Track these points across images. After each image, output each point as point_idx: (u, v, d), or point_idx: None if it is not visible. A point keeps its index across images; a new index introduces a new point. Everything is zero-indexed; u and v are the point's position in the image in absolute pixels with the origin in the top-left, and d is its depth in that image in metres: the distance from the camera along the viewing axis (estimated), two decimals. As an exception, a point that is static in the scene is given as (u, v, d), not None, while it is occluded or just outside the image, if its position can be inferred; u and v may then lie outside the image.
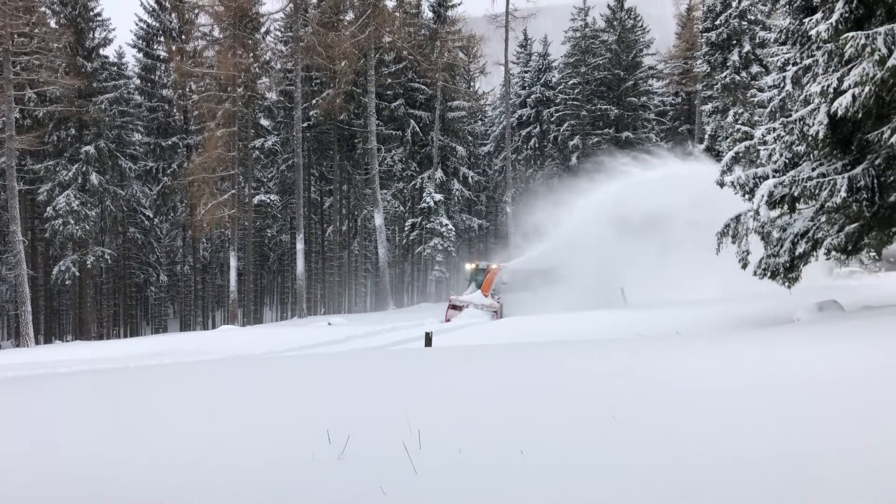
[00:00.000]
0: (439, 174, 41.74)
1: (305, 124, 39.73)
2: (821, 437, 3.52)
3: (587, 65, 42.15)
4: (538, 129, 46.29)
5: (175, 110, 41.99)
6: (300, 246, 35.41)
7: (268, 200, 42.97)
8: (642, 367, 5.93)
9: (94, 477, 3.47)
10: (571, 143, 41.66)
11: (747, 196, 12.47)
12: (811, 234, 11.61)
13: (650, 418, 4.02)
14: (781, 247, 11.91)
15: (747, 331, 10.30)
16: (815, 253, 11.76)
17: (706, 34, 31.13)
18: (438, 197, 40.30)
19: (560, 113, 43.38)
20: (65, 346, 23.54)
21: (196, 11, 38.85)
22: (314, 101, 40.05)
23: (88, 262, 35.84)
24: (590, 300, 21.58)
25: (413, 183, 42.84)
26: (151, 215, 44.27)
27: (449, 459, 3.42)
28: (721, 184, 13.80)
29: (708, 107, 31.22)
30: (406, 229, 43.76)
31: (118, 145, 39.44)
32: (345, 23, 38.13)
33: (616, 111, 41.56)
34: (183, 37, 40.43)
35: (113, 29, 39.00)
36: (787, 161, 11.88)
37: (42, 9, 34.99)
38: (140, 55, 42.35)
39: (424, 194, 40.82)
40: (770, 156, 12.47)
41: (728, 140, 18.91)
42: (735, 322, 13.13)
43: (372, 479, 3.18)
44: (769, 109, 14.22)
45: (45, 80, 30.62)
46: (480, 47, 45.02)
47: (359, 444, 3.66)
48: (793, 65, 12.55)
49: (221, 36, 37.26)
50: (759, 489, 2.89)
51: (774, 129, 12.28)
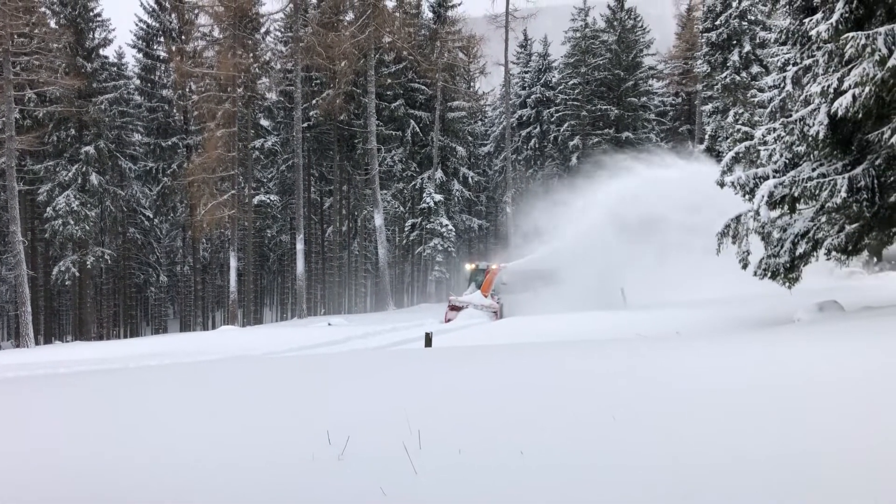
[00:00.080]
0: (439, 174, 41.75)
1: (305, 124, 39.73)
2: (821, 437, 3.51)
3: (587, 65, 42.16)
4: (538, 130, 46.30)
5: (175, 110, 41.99)
6: (300, 246, 35.41)
7: (268, 201, 42.97)
8: (642, 368, 5.93)
9: (95, 477, 3.47)
10: (571, 144, 41.68)
11: (747, 196, 12.47)
12: (811, 235, 11.61)
13: (650, 418, 4.02)
14: (782, 247, 11.91)
15: (747, 331, 10.30)
16: (816, 253, 11.76)
17: (706, 34, 31.16)
18: (438, 197, 40.30)
19: (560, 113, 43.38)
20: (65, 347, 23.54)
21: (196, 12, 38.88)
22: (314, 102, 40.05)
23: (88, 263, 35.84)
24: (590, 301, 21.55)
25: (413, 183, 42.85)
26: (151, 216, 44.27)
27: (449, 460, 3.42)
28: (721, 184, 13.80)
29: (708, 107, 31.24)
30: (406, 230, 43.76)
31: (118, 146, 39.44)
32: (345, 23, 38.14)
33: (616, 111, 41.57)
34: (183, 37, 40.44)
35: (113, 29, 39.02)
36: (788, 161, 11.88)
37: (42, 9, 35.00)
38: (140, 55, 42.35)
39: (424, 195, 40.82)
40: (770, 156, 12.47)
41: (728, 140, 18.95)
42: (735, 322, 13.13)
43: (372, 480, 3.18)
44: (769, 110, 14.22)
45: (45, 81, 30.63)
46: (480, 47, 45.05)
47: (359, 445, 3.66)
48: (793, 65, 12.55)
49: (221, 36, 37.26)
50: (759, 489, 2.89)
51: (775, 130, 12.28)
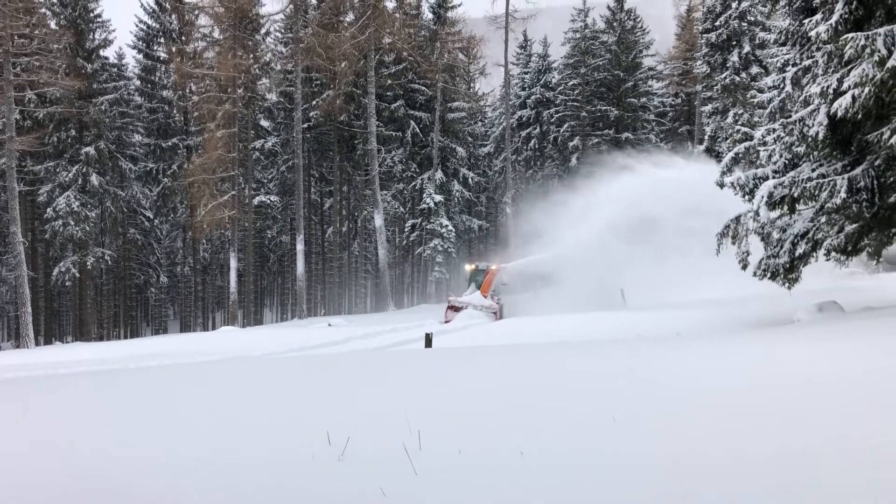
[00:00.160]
0: (439, 175, 41.75)
1: (305, 125, 39.75)
2: (821, 437, 3.52)
3: (587, 66, 42.17)
4: (538, 130, 46.32)
5: (175, 111, 41.99)
6: (300, 247, 35.42)
7: (268, 201, 42.97)
8: (642, 368, 5.93)
9: (95, 477, 3.47)
10: (571, 144, 41.70)
11: (747, 197, 12.47)
12: (811, 235, 11.62)
13: (650, 419, 4.02)
14: (781, 248, 11.92)
15: (747, 331, 10.30)
16: (815, 254, 11.76)
17: (706, 35, 31.16)
18: (438, 198, 40.31)
19: (560, 114, 43.40)
20: (65, 348, 23.53)
21: (196, 13, 38.88)
22: (314, 103, 40.06)
23: (88, 264, 35.84)
24: (590, 301, 21.55)
25: (413, 184, 42.85)
26: (151, 216, 44.27)
27: (449, 460, 3.42)
28: (721, 185, 13.80)
29: (708, 108, 31.24)
30: (406, 230, 43.77)
31: (118, 146, 39.45)
32: (345, 24, 38.16)
33: (616, 112, 41.58)
34: (183, 38, 40.45)
35: (113, 30, 39.02)
36: (787, 162, 11.88)
37: (42, 10, 35.02)
38: (140, 56, 42.35)
39: (424, 195, 40.82)
40: (770, 157, 12.46)
41: (728, 141, 18.94)
42: (735, 323, 13.13)
43: (372, 480, 3.18)
44: (769, 110, 14.21)
45: (46, 82, 30.64)
46: (480, 48, 45.06)
47: (359, 445, 3.66)
48: (792, 66, 12.55)
49: (221, 37, 37.27)
50: (759, 489, 2.89)
51: (774, 130, 12.28)
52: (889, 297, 14.37)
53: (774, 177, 11.62)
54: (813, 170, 10.90)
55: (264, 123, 44.63)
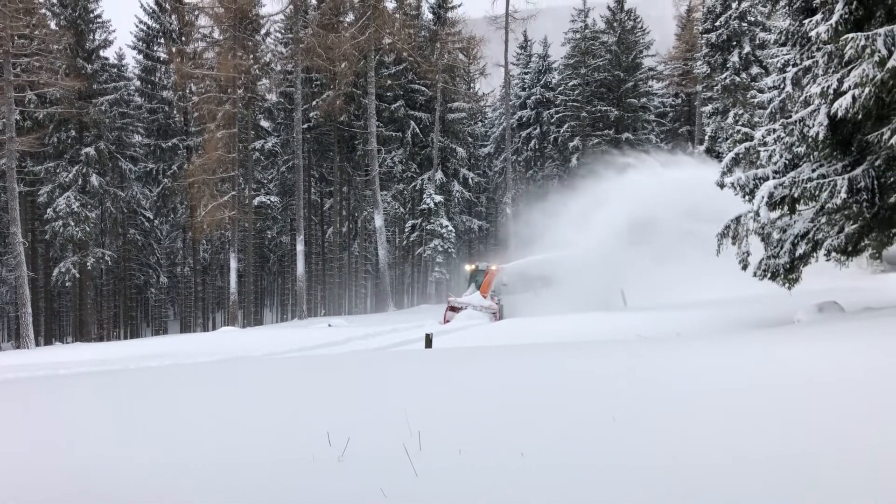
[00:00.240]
0: (439, 175, 41.75)
1: (305, 126, 39.75)
2: (821, 437, 3.52)
3: (587, 66, 42.18)
4: (538, 131, 46.33)
5: (175, 112, 42.00)
6: (300, 247, 35.42)
7: (268, 202, 42.98)
8: (642, 368, 5.93)
9: (95, 477, 3.47)
10: (571, 145, 41.70)
11: (747, 197, 12.47)
12: (811, 236, 11.62)
13: (650, 419, 4.02)
14: (781, 248, 11.92)
15: (747, 332, 10.30)
16: (815, 254, 11.77)
17: (706, 35, 31.17)
18: (438, 198, 40.31)
19: (560, 114, 43.40)
20: (65, 348, 23.53)
21: (196, 13, 38.90)
22: (314, 103, 40.07)
23: (88, 264, 35.84)
24: (590, 302, 21.54)
25: (413, 184, 42.85)
26: (151, 217, 44.28)
27: (449, 461, 3.42)
28: (721, 185, 13.80)
29: (708, 108, 31.25)
30: (406, 231, 43.78)
31: (118, 147, 39.46)
32: (345, 24, 38.17)
33: (616, 112, 41.58)
34: (183, 38, 40.47)
35: (113, 31, 39.03)
36: (788, 162, 11.88)
37: (42, 11, 35.03)
38: (140, 57, 42.36)
39: (424, 196, 40.83)
40: (770, 157, 12.46)
41: (728, 141, 18.94)
42: (735, 323, 13.13)
43: (372, 481, 3.18)
44: (769, 111, 14.20)
45: (46, 82, 30.65)
46: (480, 49, 45.06)
47: (359, 446, 3.66)
48: (793, 66, 12.55)
49: (221, 38, 37.28)
50: (759, 489, 2.89)
51: (774, 131, 12.27)
52: (889, 298, 14.36)
53: (775, 177, 11.62)
54: (813, 170, 10.90)
55: (264, 124, 44.66)
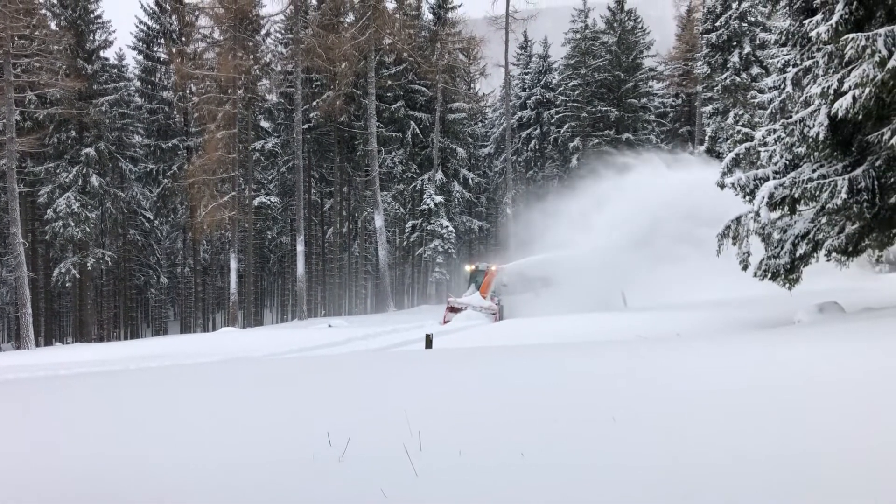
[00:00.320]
0: (439, 176, 41.75)
1: (306, 126, 39.75)
2: (821, 437, 3.52)
3: (587, 66, 42.19)
4: (538, 131, 46.32)
5: (175, 112, 42.02)
6: (300, 248, 35.42)
7: (268, 202, 42.98)
8: (642, 369, 5.93)
9: (95, 477, 3.47)
10: (572, 145, 41.70)
11: (748, 198, 12.48)
12: (812, 236, 11.62)
13: (650, 419, 4.02)
14: (782, 248, 11.92)
15: (747, 332, 10.30)
16: (816, 254, 11.77)
17: (706, 36, 31.18)
18: (439, 199, 40.31)
19: (560, 114, 43.41)
20: (65, 349, 23.53)
21: (196, 13, 38.90)
22: (314, 103, 40.07)
23: (89, 265, 35.85)
24: (590, 302, 21.54)
25: (413, 185, 42.85)
26: (152, 217, 44.28)
27: (449, 461, 3.42)
28: (722, 185, 13.82)
29: (708, 108, 31.25)
30: (406, 231, 43.77)
31: (118, 147, 39.46)
32: (345, 25, 38.18)
33: (616, 113, 41.58)
34: (183, 39, 40.49)
35: (113, 31, 39.07)
36: (788, 162, 11.88)
37: (42, 11, 35.04)
38: (140, 57, 42.38)
39: (425, 196, 40.83)
40: (770, 157, 12.47)
41: (728, 142, 18.91)
42: (735, 324, 13.13)
43: (372, 481, 3.18)
44: (769, 111, 14.21)
45: (46, 83, 30.66)
46: (480, 49, 45.05)
47: (359, 446, 3.66)
48: (793, 66, 12.56)
49: (222, 38, 37.29)
50: (759, 489, 2.89)
51: (775, 131, 12.28)
52: (889, 298, 14.36)
53: (775, 177, 11.63)
54: (813, 170, 10.90)
55: (264, 124, 44.66)
